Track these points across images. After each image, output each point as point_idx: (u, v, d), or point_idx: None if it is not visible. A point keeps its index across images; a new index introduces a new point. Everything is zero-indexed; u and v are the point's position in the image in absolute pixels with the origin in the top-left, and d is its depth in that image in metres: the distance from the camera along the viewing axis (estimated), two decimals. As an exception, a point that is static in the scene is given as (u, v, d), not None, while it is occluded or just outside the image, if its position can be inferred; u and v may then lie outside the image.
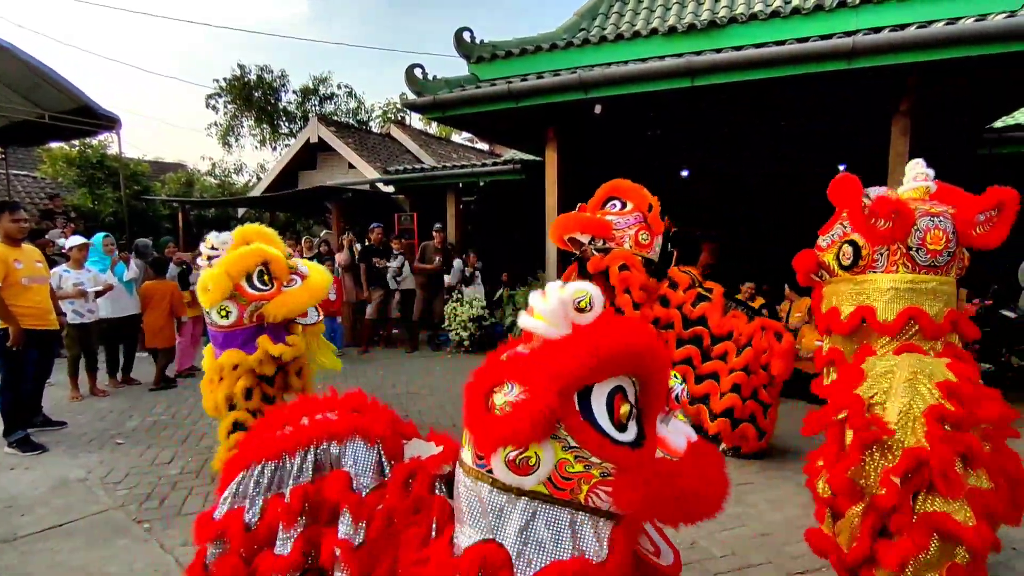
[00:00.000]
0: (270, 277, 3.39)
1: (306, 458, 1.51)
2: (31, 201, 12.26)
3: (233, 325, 3.35)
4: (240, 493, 1.51)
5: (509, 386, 1.21)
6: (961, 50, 4.70)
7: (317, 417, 1.60)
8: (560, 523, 1.22)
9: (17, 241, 4.27)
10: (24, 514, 3.21)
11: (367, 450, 1.54)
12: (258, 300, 3.35)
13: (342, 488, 1.45)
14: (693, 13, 6.65)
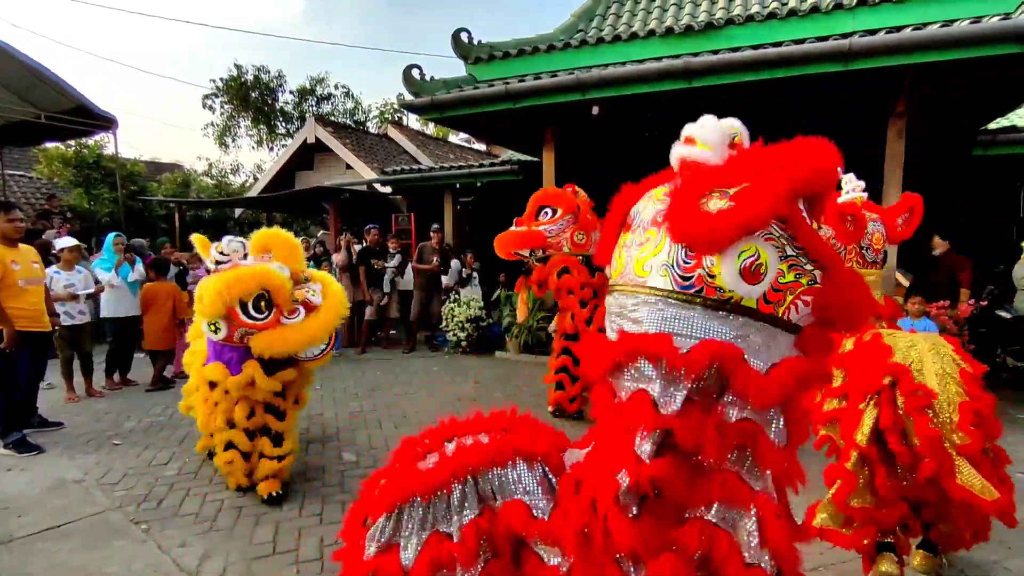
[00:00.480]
0: (268, 304, 3.07)
1: (465, 489, 1.40)
2: (27, 201, 12.22)
3: (223, 340, 3.17)
4: (391, 531, 1.41)
5: (721, 193, 1.22)
6: (956, 52, 4.73)
7: (466, 442, 1.47)
8: (768, 337, 1.25)
9: (14, 242, 4.25)
10: (21, 515, 3.20)
11: (531, 471, 1.43)
12: (249, 328, 3.07)
13: (525, 519, 1.36)
14: (690, 15, 6.68)
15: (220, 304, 2.97)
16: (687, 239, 1.22)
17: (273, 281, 3.05)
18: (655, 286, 1.26)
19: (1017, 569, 2.69)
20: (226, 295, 2.96)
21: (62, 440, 4.41)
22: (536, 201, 4.78)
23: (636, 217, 1.47)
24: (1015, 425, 4.80)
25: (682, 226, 1.21)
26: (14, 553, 2.82)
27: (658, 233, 1.32)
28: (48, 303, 4.57)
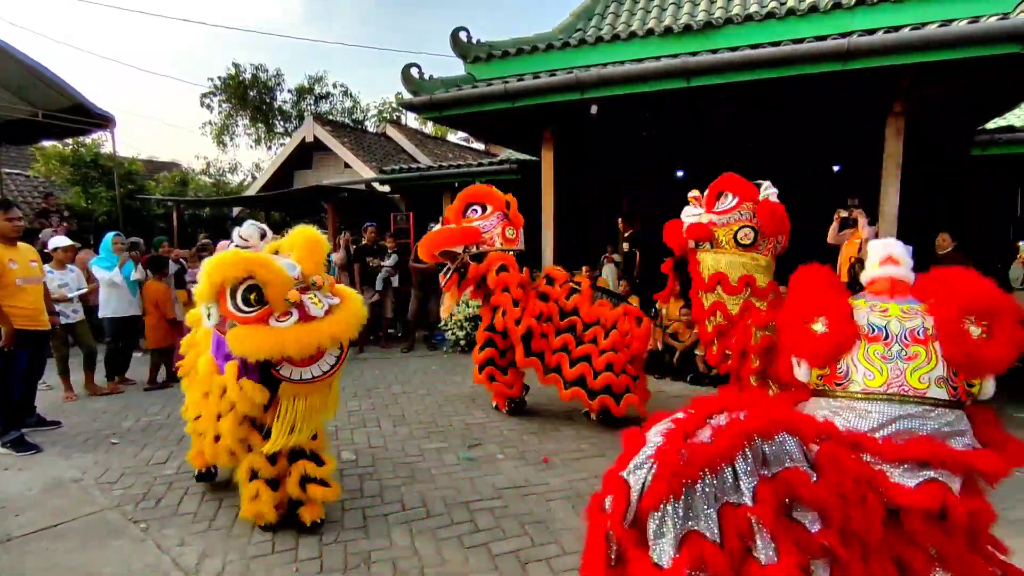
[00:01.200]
0: (259, 299, 2.62)
1: (746, 461, 1.49)
2: (24, 200, 12.18)
3: (216, 327, 2.86)
4: (682, 516, 1.43)
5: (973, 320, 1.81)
6: (955, 52, 4.74)
7: (729, 418, 1.55)
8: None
9: (12, 240, 4.24)
10: (18, 514, 3.20)
11: (796, 443, 1.56)
12: (232, 320, 2.66)
13: (806, 484, 1.50)
14: (689, 14, 6.68)
15: (207, 285, 2.65)
16: (962, 363, 1.77)
17: (266, 273, 2.61)
18: (936, 397, 1.79)
19: (1014, 567, 2.70)
20: (215, 276, 2.63)
21: (60, 439, 4.40)
22: (464, 199, 4.82)
23: (879, 328, 1.90)
24: (1012, 423, 4.82)
25: (960, 353, 1.76)
26: (11, 553, 2.81)
27: (927, 349, 1.81)
28: (48, 302, 4.57)
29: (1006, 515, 3.07)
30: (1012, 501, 3.40)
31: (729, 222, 3.53)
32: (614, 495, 1.51)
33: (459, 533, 3.00)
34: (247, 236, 3.18)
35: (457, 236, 4.66)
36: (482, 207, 4.80)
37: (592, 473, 3.76)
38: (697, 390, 5.95)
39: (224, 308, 2.67)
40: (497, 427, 4.71)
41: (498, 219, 4.77)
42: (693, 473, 1.43)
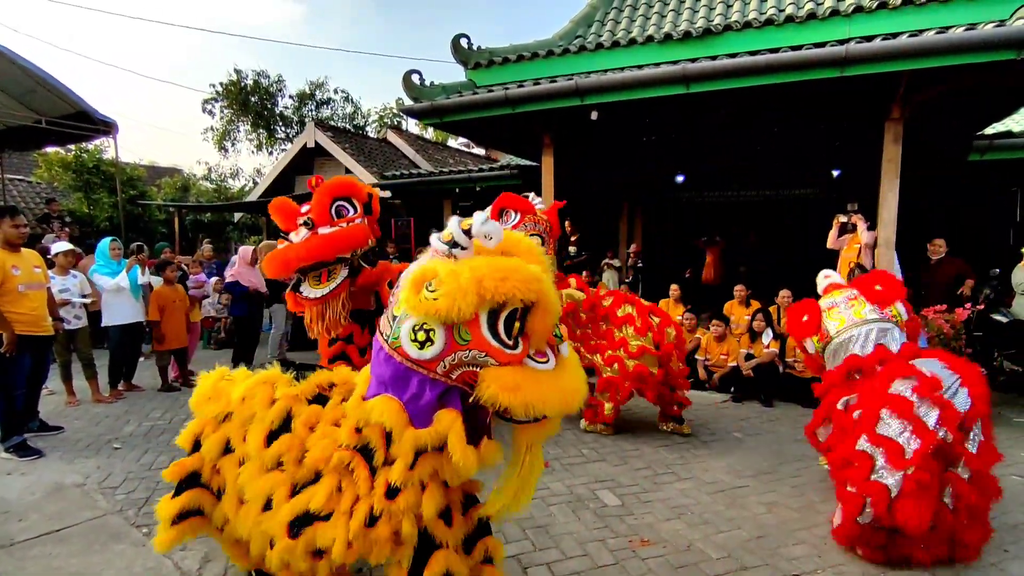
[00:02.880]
0: (520, 329, 1.73)
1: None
2: (26, 206, 12.25)
3: (419, 363, 1.78)
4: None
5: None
6: (952, 58, 4.77)
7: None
8: None
9: (16, 247, 4.26)
10: (21, 519, 3.21)
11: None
12: (482, 353, 1.72)
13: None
14: (688, 21, 6.73)
15: (473, 299, 1.65)
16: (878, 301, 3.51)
17: (548, 295, 1.74)
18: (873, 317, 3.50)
19: (1014, 572, 2.71)
20: (491, 289, 1.66)
21: (62, 444, 4.41)
22: (328, 194, 3.66)
23: (833, 303, 3.73)
24: (1012, 428, 4.83)
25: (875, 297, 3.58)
26: (14, 557, 2.82)
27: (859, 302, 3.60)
28: (52, 308, 4.59)
29: (1004, 520, 3.08)
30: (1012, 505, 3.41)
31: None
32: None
33: (460, 537, 3.01)
34: (480, 236, 1.79)
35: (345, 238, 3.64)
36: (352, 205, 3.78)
37: (593, 477, 3.77)
38: (698, 395, 5.96)
39: (478, 338, 1.73)
40: (498, 432, 4.71)
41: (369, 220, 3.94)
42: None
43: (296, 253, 3.50)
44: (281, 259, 3.51)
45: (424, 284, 1.71)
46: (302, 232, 3.53)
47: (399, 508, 1.83)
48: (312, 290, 3.61)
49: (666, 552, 2.85)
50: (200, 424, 2.35)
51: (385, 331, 1.86)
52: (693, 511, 3.31)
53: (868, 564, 2.74)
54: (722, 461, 4.09)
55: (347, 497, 1.88)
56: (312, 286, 3.62)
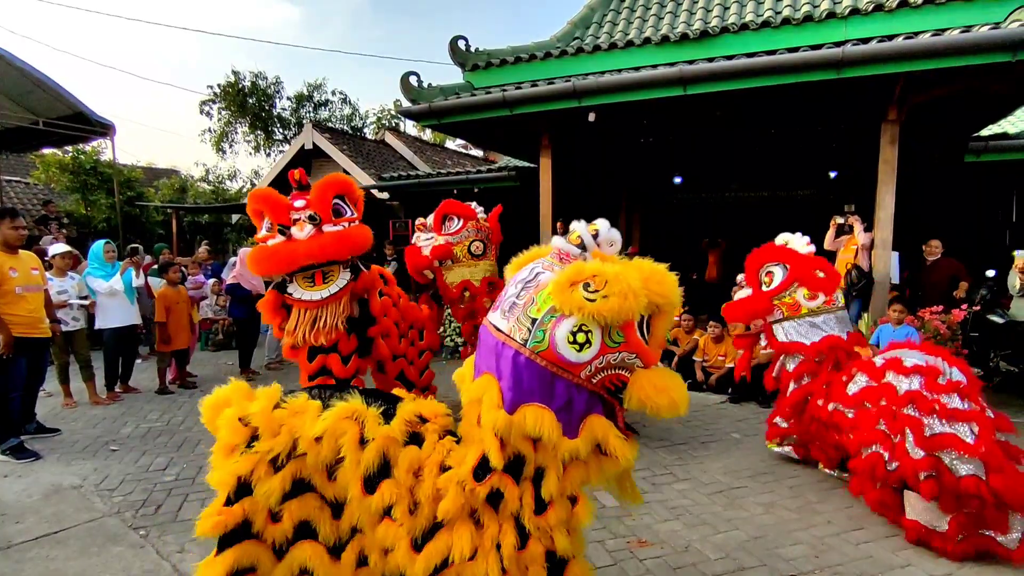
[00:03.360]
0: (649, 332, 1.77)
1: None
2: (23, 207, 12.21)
3: (568, 367, 1.70)
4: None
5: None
6: (947, 60, 4.80)
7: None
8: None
9: (14, 248, 4.26)
10: (18, 521, 3.20)
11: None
12: (632, 355, 1.72)
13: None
14: (685, 23, 6.75)
15: (644, 300, 1.65)
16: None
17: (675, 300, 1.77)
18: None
19: (1011, 573, 2.72)
20: (655, 292, 1.68)
21: (59, 446, 4.40)
22: (332, 190, 3.51)
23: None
24: (1008, 429, 4.84)
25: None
26: (11, 560, 2.82)
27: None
28: (49, 310, 4.58)
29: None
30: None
31: (462, 239, 4.62)
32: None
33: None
34: (605, 243, 1.85)
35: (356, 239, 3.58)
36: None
37: (591, 479, 3.77)
38: (696, 396, 5.97)
39: (635, 338, 1.72)
40: (496, 433, 4.72)
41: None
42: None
43: (308, 250, 3.23)
44: (287, 255, 3.20)
45: (579, 284, 1.63)
46: (307, 228, 3.27)
47: (549, 523, 1.76)
48: (307, 292, 3.36)
49: (664, 553, 2.86)
50: (249, 463, 1.88)
51: (518, 335, 1.73)
52: (691, 512, 3.31)
53: (865, 564, 2.76)
54: (720, 462, 4.10)
55: (491, 530, 1.76)
56: (305, 287, 3.36)
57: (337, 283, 3.44)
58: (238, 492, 1.88)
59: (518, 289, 1.80)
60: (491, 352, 1.79)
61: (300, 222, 3.30)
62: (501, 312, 1.81)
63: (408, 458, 1.83)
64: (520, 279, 1.82)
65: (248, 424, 1.91)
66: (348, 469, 1.83)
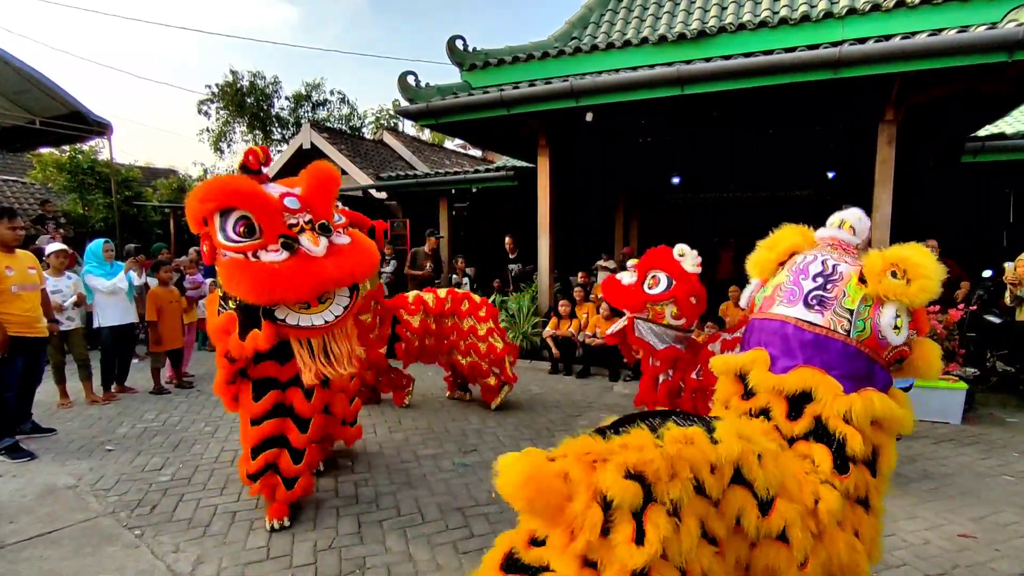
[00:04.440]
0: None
1: None
2: (21, 207, 12.18)
3: (881, 351, 1.88)
4: None
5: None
6: (944, 61, 4.81)
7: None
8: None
9: (11, 248, 4.25)
10: (12, 521, 3.19)
11: None
12: (914, 333, 1.95)
13: None
14: (683, 23, 6.75)
15: (938, 282, 1.83)
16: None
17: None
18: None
19: (1004, 570, 2.72)
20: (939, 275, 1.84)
21: (54, 446, 4.38)
22: (334, 189, 3.06)
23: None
24: (1005, 428, 4.85)
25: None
26: (5, 560, 2.80)
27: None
28: (47, 309, 4.57)
29: (996, 519, 3.09)
30: (1004, 504, 3.42)
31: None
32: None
33: (454, 539, 3.01)
34: (864, 230, 2.04)
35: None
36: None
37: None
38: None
39: (922, 318, 1.97)
40: (493, 433, 4.71)
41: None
42: None
43: (338, 273, 2.64)
44: (310, 278, 2.51)
45: (887, 272, 1.79)
46: (322, 242, 2.69)
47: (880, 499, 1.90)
48: (305, 316, 2.74)
49: (660, 552, 2.85)
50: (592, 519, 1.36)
51: (840, 327, 1.84)
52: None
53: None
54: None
55: (851, 522, 1.77)
56: (301, 311, 2.73)
57: (339, 303, 2.81)
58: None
59: (818, 283, 1.90)
60: (807, 346, 1.87)
61: (308, 232, 2.69)
62: (804, 306, 1.90)
63: (794, 469, 1.67)
64: (813, 273, 1.93)
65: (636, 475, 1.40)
66: (741, 494, 1.55)
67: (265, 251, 2.60)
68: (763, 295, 2.08)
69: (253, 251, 2.62)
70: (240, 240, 2.62)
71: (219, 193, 2.64)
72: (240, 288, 2.54)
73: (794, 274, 1.98)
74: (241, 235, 2.62)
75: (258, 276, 2.52)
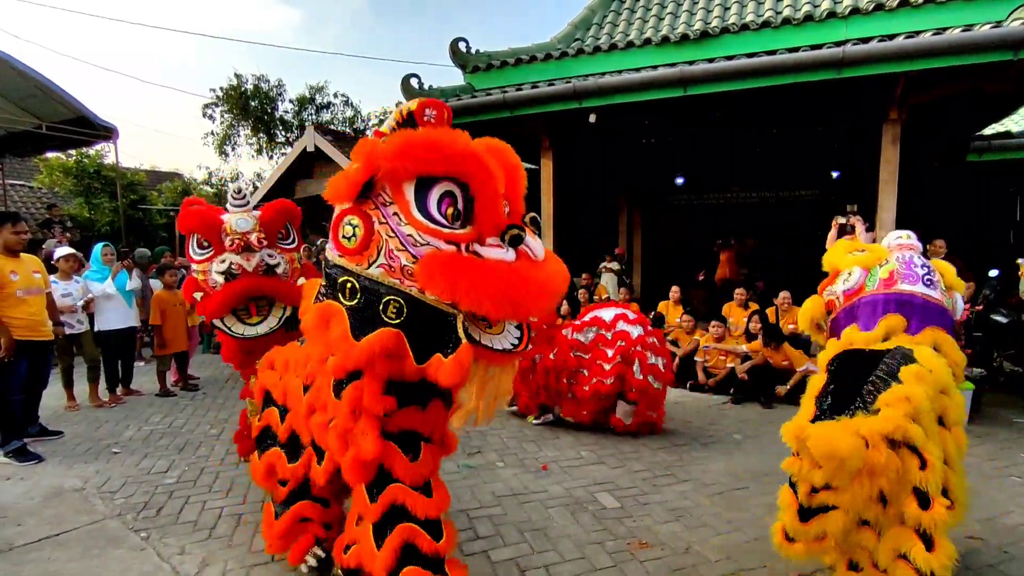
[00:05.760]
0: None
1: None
2: (27, 211, 12.27)
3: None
4: None
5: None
6: (949, 60, 4.79)
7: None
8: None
9: (15, 252, 4.28)
10: (20, 524, 3.21)
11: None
12: None
13: None
14: (686, 23, 6.75)
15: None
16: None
17: None
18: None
19: (1013, 572, 2.70)
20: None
21: (61, 449, 4.41)
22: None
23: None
24: (1012, 429, 4.82)
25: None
26: (11, 562, 2.82)
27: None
28: (53, 313, 4.59)
29: (1004, 521, 3.07)
30: (1012, 506, 3.40)
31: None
32: None
33: (460, 540, 3.01)
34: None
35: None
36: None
37: (591, 480, 3.77)
38: (697, 397, 5.96)
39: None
40: (497, 435, 4.71)
41: None
42: None
43: (562, 286, 1.83)
44: (554, 289, 1.89)
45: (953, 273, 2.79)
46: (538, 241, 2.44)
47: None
48: (497, 338, 1.99)
49: (664, 555, 2.85)
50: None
51: (944, 301, 2.64)
52: (692, 513, 3.30)
53: (867, 566, 2.74)
54: (721, 463, 4.09)
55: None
56: (484, 327, 1.98)
57: (515, 325, 2.11)
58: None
59: (926, 270, 2.68)
60: (931, 312, 2.56)
61: (528, 229, 2.13)
62: (923, 284, 2.62)
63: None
64: (919, 263, 2.69)
65: None
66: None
67: (483, 245, 1.84)
68: (875, 279, 2.72)
69: (467, 243, 1.85)
70: (447, 225, 1.81)
71: (430, 152, 1.82)
72: (473, 294, 1.72)
73: (904, 264, 2.67)
74: (450, 217, 1.82)
75: (506, 280, 1.75)
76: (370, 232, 1.85)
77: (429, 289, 1.79)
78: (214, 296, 3.14)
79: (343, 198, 1.89)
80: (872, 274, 2.74)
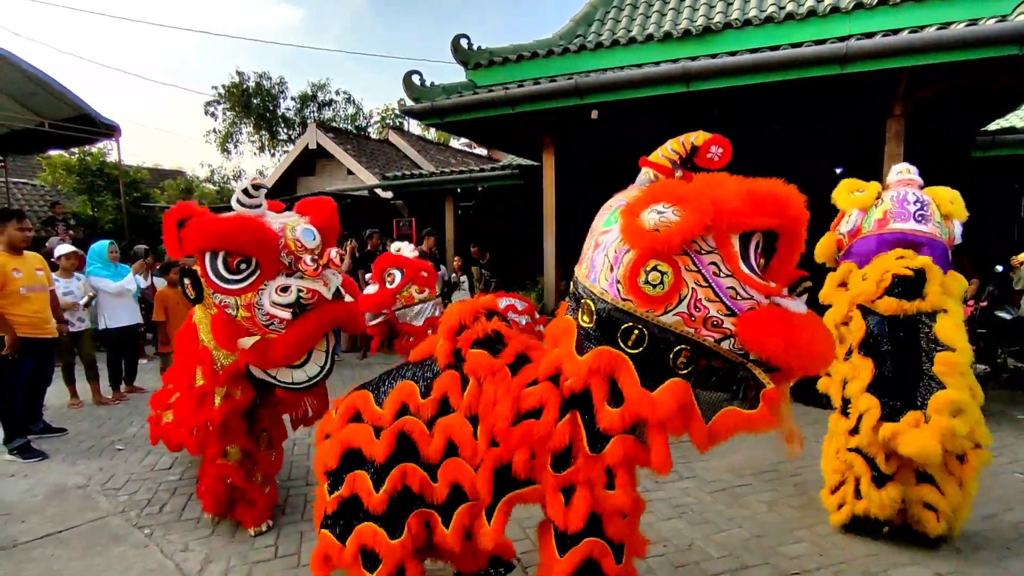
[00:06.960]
0: None
1: None
2: (30, 209, 12.29)
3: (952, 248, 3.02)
4: None
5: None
6: (953, 54, 4.75)
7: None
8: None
9: (19, 250, 4.29)
10: (24, 521, 3.22)
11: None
12: None
13: None
14: (688, 19, 6.71)
15: None
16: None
17: None
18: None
19: (1015, 569, 2.69)
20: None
21: (65, 446, 4.43)
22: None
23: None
24: (1015, 425, 4.80)
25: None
26: (15, 559, 2.84)
27: None
28: (56, 310, 4.61)
29: (1007, 517, 3.06)
30: (1015, 502, 3.39)
31: None
32: None
33: (460, 537, 3.01)
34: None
35: None
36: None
37: (593, 477, 3.76)
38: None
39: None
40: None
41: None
42: None
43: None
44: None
45: (949, 200, 3.03)
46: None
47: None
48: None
49: (667, 551, 2.85)
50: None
51: (937, 232, 2.95)
52: (694, 510, 3.30)
53: (869, 562, 2.74)
54: (724, 460, 4.08)
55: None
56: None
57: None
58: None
59: (918, 206, 2.94)
60: (923, 248, 2.89)
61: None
62: (914, 221, 2.92)
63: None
64: (912, 200, 2.97)
65: None
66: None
67: (782, 297, 1.76)
68: (871, 220, 3.03)
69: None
70: (762, 278, 1.73)
71: (779, 209, 1.72)
72: (795, 351, 1.65)
73: (897, 202, 2.95)
74: (760, 268, 1.77)
75: (813, 334, 1.71)
76: (679, 281, 1.70)
77: (757, 345, 1.67)
78: (284, 340, 2.41)
79: (674, 249, 1.66)
80: (869, 215, 3.04)
